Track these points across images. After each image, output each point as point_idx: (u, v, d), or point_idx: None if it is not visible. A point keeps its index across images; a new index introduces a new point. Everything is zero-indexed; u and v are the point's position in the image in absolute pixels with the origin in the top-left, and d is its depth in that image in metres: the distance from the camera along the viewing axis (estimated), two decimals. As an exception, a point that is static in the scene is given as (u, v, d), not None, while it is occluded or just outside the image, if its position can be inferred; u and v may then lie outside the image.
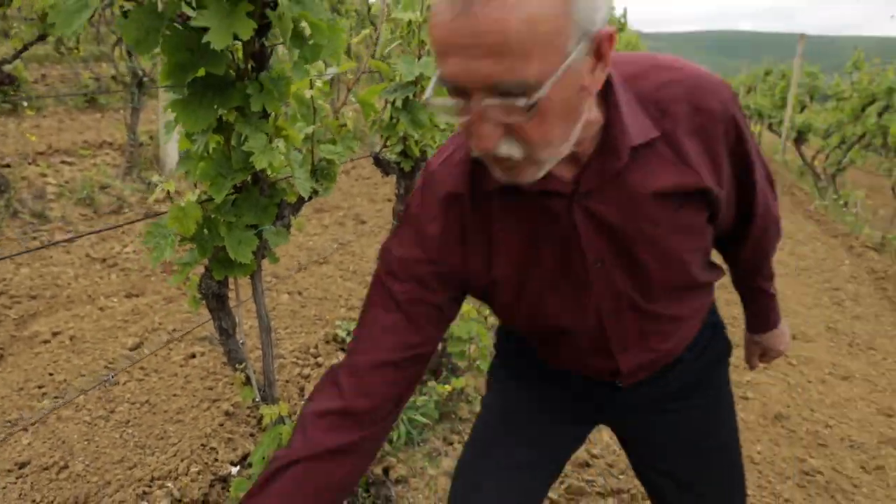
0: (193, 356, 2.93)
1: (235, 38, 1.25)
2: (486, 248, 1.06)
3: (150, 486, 2.03)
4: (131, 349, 2.96)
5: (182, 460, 2.16)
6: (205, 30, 1.21)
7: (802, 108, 11.66)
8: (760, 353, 1.49)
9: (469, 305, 2.86)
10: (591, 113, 0.93)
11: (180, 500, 1.98)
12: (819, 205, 8.38)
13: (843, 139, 8.63)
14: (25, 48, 4.82)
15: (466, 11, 0.73)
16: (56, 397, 2.52)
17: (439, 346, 2.47)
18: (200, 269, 1.69)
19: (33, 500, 1.95)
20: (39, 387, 2.60)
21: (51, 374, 2.70)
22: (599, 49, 0.83)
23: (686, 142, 0.99)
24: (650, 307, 1.13)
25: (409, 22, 2.08)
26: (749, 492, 2.50)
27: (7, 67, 4.77)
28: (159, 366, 2.83)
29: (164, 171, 5.98)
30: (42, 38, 4.86)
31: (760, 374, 3.48)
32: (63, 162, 5.89)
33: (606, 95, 0.95)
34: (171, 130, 1.53)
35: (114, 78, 8.09)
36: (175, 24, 1.29)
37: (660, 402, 1.29)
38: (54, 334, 3.08)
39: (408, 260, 1.06)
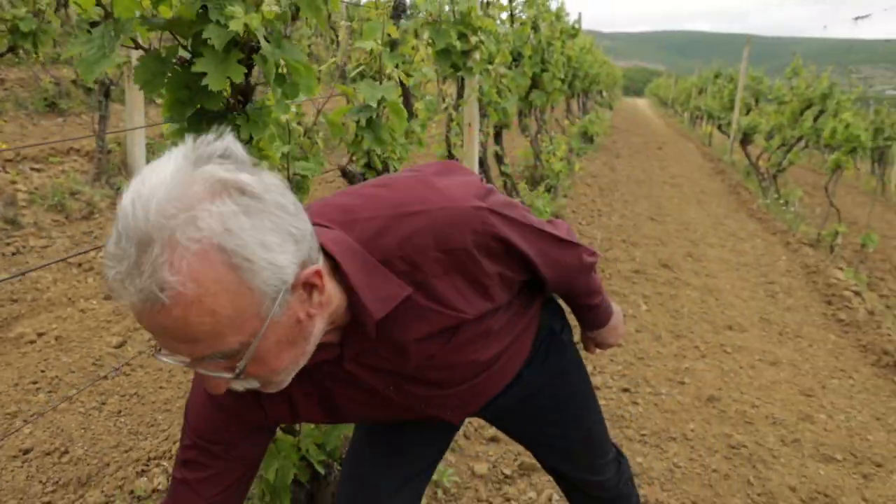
0: (175, 352, 3.13)
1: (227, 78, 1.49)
2: (286, 402, 1.08)
3: (147, 466, 2.24)
4: (116, 347, 3.14)
5: (174, 443, 2.36)
6: (203, 73, 1.45)
7: (748, 111, 12.12)
8: (595, 344, 1.52)
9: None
10: (334, 301, 0.91)
11: (175, 477, 2.20)
12: (762, 204, 8.72)
13: (784, 141, 9.03)
14: (-5, 59, 4.93)
15: (150, 311, 0.73)
16: (50, 391, 2.71)
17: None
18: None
19: (40, 481, 2.15)
20: (33, 382, 2.77)
21: (42, 371, 2.87)
22: (308, 283, 0.83)
23: (442, 285, 0.98)
24: (458, 390, 1.16)
25: (371, 50, 2.31)
26: (681, 464, 2.79)
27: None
28: (144, 361, 3.01)
29: (132, 176, 6.10)
30: (11, 49, 4.96)
31: (698, 362, 3.74)
32: (32, 168, 5.98)
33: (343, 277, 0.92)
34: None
35: (74, 82, 8.13)
36: (175, 67, 1.52)
37: (509, 405, 1.35)
38: (39, 335, 3.23)
39: (209, 428, 1.07)
